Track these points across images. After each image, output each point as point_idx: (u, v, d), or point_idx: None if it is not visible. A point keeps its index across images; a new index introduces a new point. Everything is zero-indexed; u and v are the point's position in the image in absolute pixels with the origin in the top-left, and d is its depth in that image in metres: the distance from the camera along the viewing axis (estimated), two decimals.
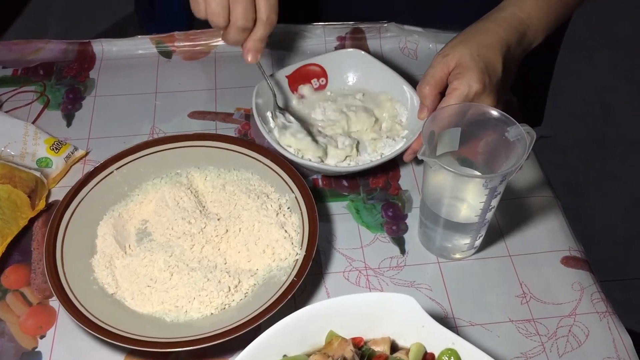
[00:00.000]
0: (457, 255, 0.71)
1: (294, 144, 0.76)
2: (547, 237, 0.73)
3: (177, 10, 2.07)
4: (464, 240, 0.69)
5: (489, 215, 0.66)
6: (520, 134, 0.62)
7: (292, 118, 0.79)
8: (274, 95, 0.79)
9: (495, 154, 0.65)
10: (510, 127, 0.63)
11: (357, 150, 0.78)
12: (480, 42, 0.73)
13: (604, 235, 1.73)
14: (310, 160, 0.75)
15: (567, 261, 0.71)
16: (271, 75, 0.81)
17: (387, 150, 0.77)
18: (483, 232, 0.69)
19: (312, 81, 0.84)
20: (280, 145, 0.75)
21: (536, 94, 1.15)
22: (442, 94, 0.73)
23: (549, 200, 0.77)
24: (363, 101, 0.83)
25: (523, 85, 0.91)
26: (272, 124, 0.79)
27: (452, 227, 0.68)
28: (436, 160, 0.61)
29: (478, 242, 0.70)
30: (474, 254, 0.72)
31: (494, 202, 0.64)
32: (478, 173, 0.67)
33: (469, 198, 0.65)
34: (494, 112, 0.64)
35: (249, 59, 0.75)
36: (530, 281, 0.70)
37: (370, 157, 0.77)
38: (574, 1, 0.79)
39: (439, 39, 0.93)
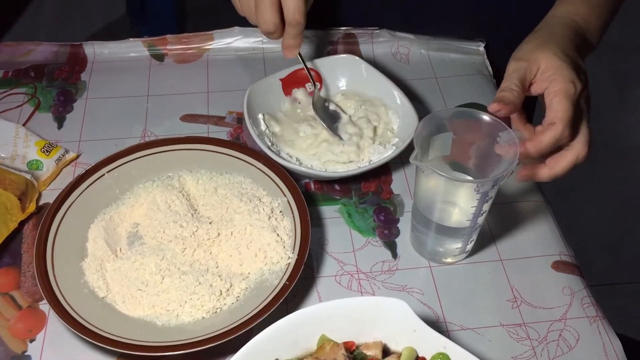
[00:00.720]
0: (449, 260, 0.71)
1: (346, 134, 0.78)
2: (537, 241, 0.74)
3: (168, 14, 2.07)
4: (456, 245, 0.69)
5: (481, 219, 0.66)
6: (512, 139, 0.63)
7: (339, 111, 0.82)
8: (315, 88, 0.82)
9: (486, 158, 0.65)
10: (502, 132, 0.63)
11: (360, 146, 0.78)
12: (557, 44, 0.67)
13: (594, 240, 1.75)
14: (300, 164, 0.75)
15: (558, 266, 0.72)
16: (263, 79, 0.82)
17: (376, 157, 0.77)
18: (474, 237, 0.69)
19: (306, 85, 0.84)
20: (267, 146, 0.75)
21: (525, 102, 1.15)
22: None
23: (540, 205, 0.77)
24: (360, 108, 0.83)
25: None
26: (265, 128, 0.79)
27: (444, 232, 0.68)
28: (428, 164, 0.61)
29: (470, 247, 0.70)
30: (465, 258, 0.72)
31: (486, 207, 0.65)
32: (470, 178, 0.67)
33: (461, 202, 0.65)
34: (486, 117, 0.64)
35: (286, 55, 0.77)
36: (521, 286, 0.70)
37: (360, 163, 0.77)
38: (616, 7, 0.77)
39: (431, 45, 0.94)
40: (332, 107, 0.83)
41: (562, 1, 0.74)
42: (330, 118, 0.81)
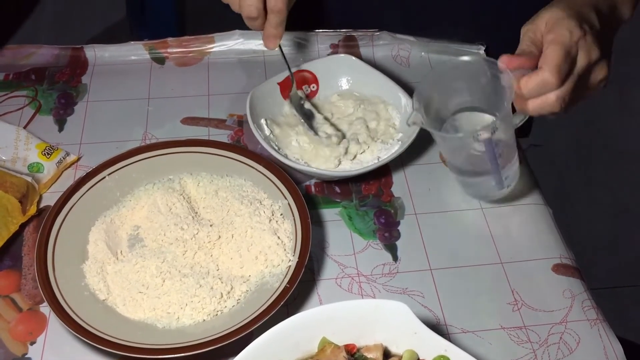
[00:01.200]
0: (491, 194, 0.75)
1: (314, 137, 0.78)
2: (538, 244, 0.74)
3: (168, 17, 2.07)
4: (490, 182, 0.72)
5: (501, 161, 0.68)
6: (509, 80, 0.63)
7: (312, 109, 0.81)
8: (293, 84, 0.82)
9: (495, 97, 0.67)
10: (502, 74, 0.64)
11: (346, 148, 0.78)
12: (567, 3, 0.66)
13: (594, 243, 1.75)
14: (307, 165, 0.75)
15: (558, 269, 0.72)
16: (264, 82, 0.82)
17: (383, 153, 0.77)
18: (509, 174, 0.72)
19: (303, 87, 0.84)
20: (275, 149, 0.75)
21: None
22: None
23: (540, 208, 0.77)
24: (359, 108, 0.83)
25: None
26: (269, 133, 0.79)
27: (472, 174, 0.73)
28: (427, 126, 0.66)
29: (507, 183, 0.73)
30: (508, 194, 0.75)
31: (498, 150, 0.67)
32: (460, 134, 0.72)
33: (473, 150, 0.68)
34: (485, 58, 0.68)
35: (268, 45, 0.77)
36: (522, 288, 0.70)
37: (366, 161, 0.77)
38: None
39: (431, 47, 0.94)
40: (307, 105, 0.83)
41: None
42: (305, 116, 0.81)
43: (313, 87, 0.85)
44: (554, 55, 0.62)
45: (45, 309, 0.67)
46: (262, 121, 0.79)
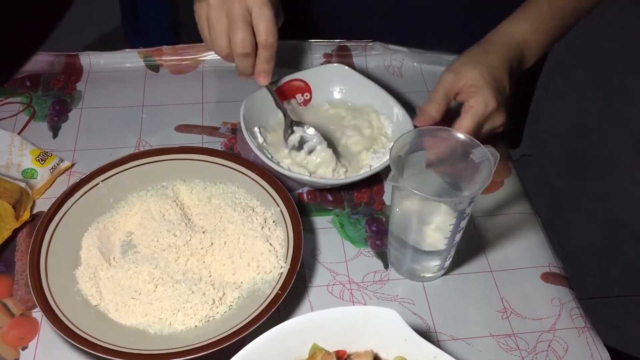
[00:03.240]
0: (427, 276, 0.71)
1: (313, 161, 0.76)
2: (527, 253, 0.75)
3: (163, 25, 2.08)
4: (434, 263, 0.69)
5: (458, 237, 0.66)
6: (485, 156, 0.63)
7: (312, 130, 0.78)
8: (286, 116, 0.80)
9: (460, 175, 0.66)
10: (475, 149, 0.64)
11: (338, 160, 0.78)
12: (487, 63, 0.75)
13: (584, 253, 1.76)
14: (299, 173, 0.76)
15: (547, 277, 0.73)
16: (258, 91, 0.83)
17: (375, 162, 0.78)
18: (452, 253, 0.69)
19: (296, 96, 0.85)
20: (268, 157, 0.76)
21: (516, 116, 1.17)
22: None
23: (530, 217, 0.78)
24: (352, 117, 0.84)
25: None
26: (262, 140, 0.79)
27: (421, 252, 0.68)
28: (406, 185, 0.61)
29: (447, 263, 0.71)
30: (443, 274, 0.72)
31: (463, 224, 0.65)
32: (447, 198, 0.67)
33: (438, 221, 0.66)
34: (460, 135, 0.65)
35: (260, 81, 0.77)
36: (511, 296, 0.71)
37: (359, 169, 0.78)
38: (568, 22, 0.82)
39: (423, 58, 0.95)
40: (309, 132, 0.78)
41: (509, 18, 0.81)
42: (299, 147, 0.79)
43: (306, 95, 0.86)
44: (468, 124, 0.72)
45: (37, 314, 0.67)
46: (256, 129, 0.80)
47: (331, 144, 0.79)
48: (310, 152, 0.78)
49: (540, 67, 1.11)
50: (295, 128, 0.79)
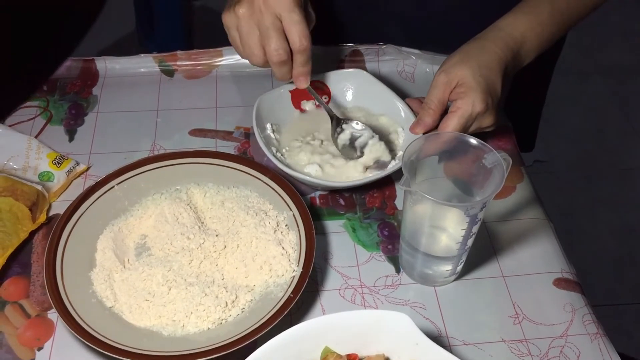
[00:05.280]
0: (439, 281, 0.71)
1: (368, 154, 0.78)
2: (539, 258, 0.75)
3: (177, 30, 2.10)
4: (445, 267, 0.69)
5: (470, 242, 0.66)
6: (497, 161, 0.63)
7: (360, 125, 0.80)
8: (332, 117, 0.80)
9: (472, 180, 0.66)
10: (488, 154, 0.64)
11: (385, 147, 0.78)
12: (480, 62, 0.75)
13: (595, 259, 1.75)
14: (309, 175, 0.76)
15: (559, 283, 0.72)
16: (272, 90, 0.83)
17: (388, 166, 0.78)
18: (464, 259, 0.69)
19: (322, 97, 0.86)
20: (280, 161, 0.76)
21: (528, 120, 1.16)
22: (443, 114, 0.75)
23: (542, 222, 0.78)
24: (368, 122, 0.84)
25: (516, 111, 0.93)
26: (273, 137, 0.80)
27: (433, 257, 0.68)
28: (418, 189, 0.61)
29: (459, 268, 0.71)
30: (454, 280, 0.72)
31: (475, 229, 0.65)
32: (459, 203, 0.66)
33: (450, 227, 0.66)
34: (472, 140, 0.65)
35: (299, 85, 0.78)
36: (523, 302, 0.71)
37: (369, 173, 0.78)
38: (567, 23, 0.82)
39: (436, 61, 0.95)
40: (357, 127, 0.80)
41: (507, 14, 0.80)
42: (352, 148, 0.80)
43: (325, 98, 0.86)
44: (453, 125, 0.73)
45: (53, 315, 0.68)
46: (268, 125, 0.80)
47: (382, 137, 0.80)
48: (362, 148, 0.79)
49: (549, 73, 1.11)
50: (344, 126, 0.80)
